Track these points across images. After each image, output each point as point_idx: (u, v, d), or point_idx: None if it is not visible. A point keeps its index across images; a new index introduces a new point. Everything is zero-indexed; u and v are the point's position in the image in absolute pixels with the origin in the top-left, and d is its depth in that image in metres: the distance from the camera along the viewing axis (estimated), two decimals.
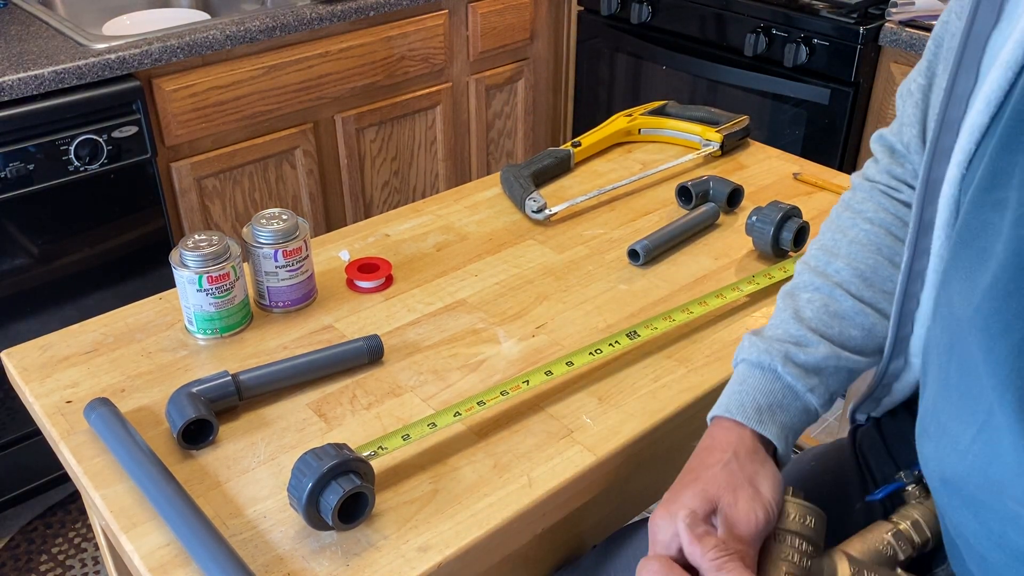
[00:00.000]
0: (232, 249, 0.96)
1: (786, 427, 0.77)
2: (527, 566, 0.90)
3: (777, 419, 0.76)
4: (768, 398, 0.77)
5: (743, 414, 0.76)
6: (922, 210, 0.73)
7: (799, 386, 0.77)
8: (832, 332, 0.80)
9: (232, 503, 0.78)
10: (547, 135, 2.62)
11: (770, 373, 0.78)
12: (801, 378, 0.78)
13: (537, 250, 1.15)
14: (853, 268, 0.82)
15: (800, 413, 0.78)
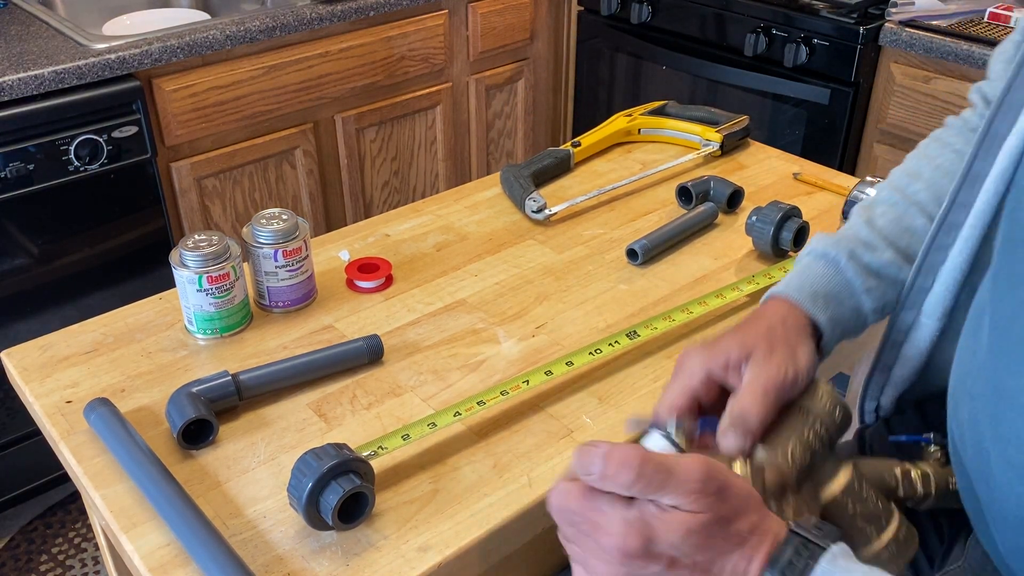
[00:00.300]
0: (232, 249, 0.96)
1: (835, 320, 0.78)
2: (527, 566, 0.90)
3: (830, 309, 0.77)
4: (826, 287, 0.78)
5: (799, 294, 0.77)
6: (973, 162, 0.73)
7: (858, 283, 0.79)
8: (900, 243, 0.81)
9: (232, 503, 0.78)
10: (547, 135, 2.62)
11: (832, 265, 0.80)
12: (861, 275, 0.79)
13: (537, 250, 1.15)
14: (932, 192, 0.83)
15: (852, 312, 0.79)
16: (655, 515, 0.55)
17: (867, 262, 0.80)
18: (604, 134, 1.40)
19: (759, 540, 0.57)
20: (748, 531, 0.57)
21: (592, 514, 0.57)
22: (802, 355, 0.71)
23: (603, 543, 0.56)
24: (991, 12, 1.88)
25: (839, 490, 0.70)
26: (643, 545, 0.55)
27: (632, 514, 0.55)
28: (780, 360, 0.70)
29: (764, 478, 0.67)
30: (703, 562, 0.56)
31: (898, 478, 0.73)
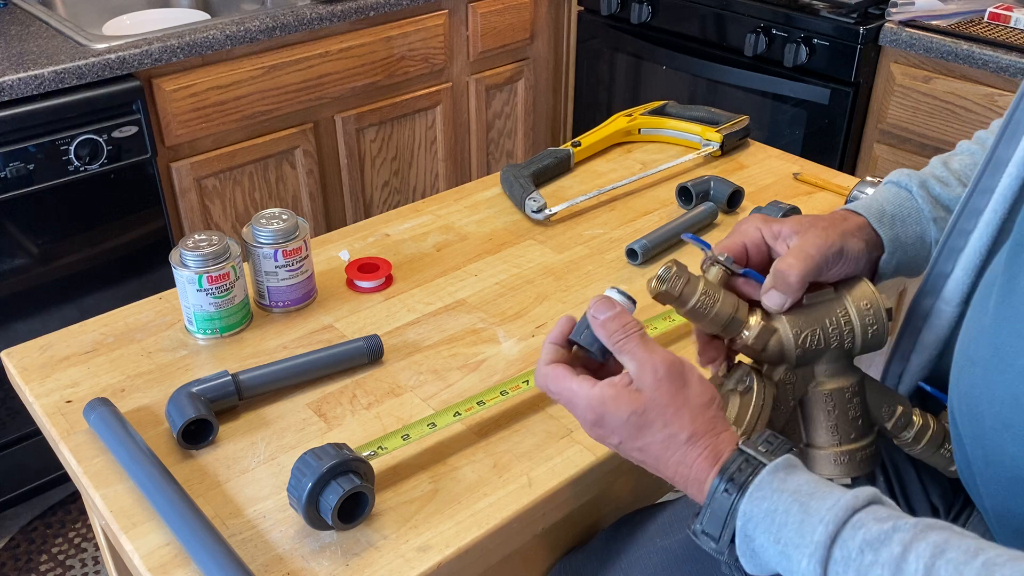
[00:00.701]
0: (232, 249, 0.96)
1: (899, 240, 0.80)
2: (527, 565, 0.90)
3: (895, 228, 0.79)
4: (894, 208, 0.80)
5: (866, 209, 0.79)
6: (996, 147, 0.75)
7: (926, 210, 0.81)
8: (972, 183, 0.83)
9: (232, 503, 0.78)
10: (547, 135, 2.62)
11: (904, 191, 0.82)
12: (930, 204, 0.82)
13: (537, 250, 1.15)
14: None
15: (917, 239, 0.81)
16: (612, 396, 0.66)
17: (938, 194, 0.82)
18: (604, 134, 1.40)
19: (698, 453, 0.64)
20: (686, 440, 0.65)
21: (566, 393, 0.68)
22: (853, 242, 0.74)
23: (576, 412, 0.68)
24: (991, 12, 1.88)
25: (829, 390, 0.73)
26: (596, 419, 0.67)
27: (594, 392, 0.67)
28: (829, 233, 0.73)
29: (768, 342, 0.71)
30: (646, 449, 0.66)
31: (895, 415, 0.75)
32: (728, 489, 0.61)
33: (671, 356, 0.66)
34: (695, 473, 0.64)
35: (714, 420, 0.65)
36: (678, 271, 0.70)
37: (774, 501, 0.59)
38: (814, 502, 0.58)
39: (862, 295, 0.73)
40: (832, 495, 0.59)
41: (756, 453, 0.62)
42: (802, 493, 0.59)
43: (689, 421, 0.65)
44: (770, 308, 0.71)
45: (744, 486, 0.61)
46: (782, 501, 0.59)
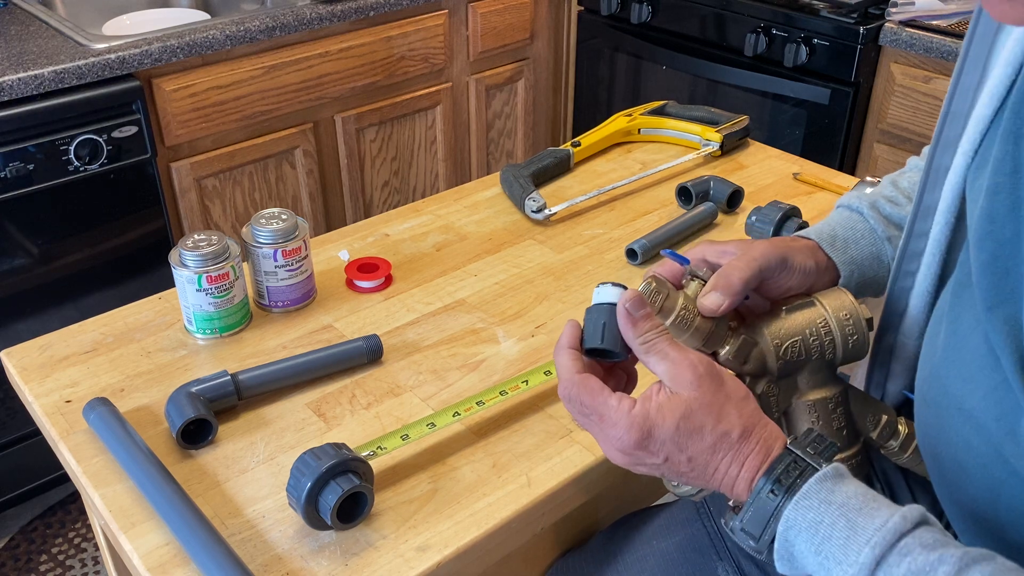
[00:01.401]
0: (232, 249, 0.96)
1: (855, 261, 0.81)
2: (526, 565, 0.90)
3: (849, 251, 0.80)
4: (845, 231, 0.81)
5: (817, 235, 0.80)
6: (923, 196, 0.76)
7: (879, 230, 0.82)
8: None
9: (231, 503, 0.78)
10: (547, 135, 2.62)
11: (855, 213, 0.84)
12: (883, 224, 0.82)
13: (537, 250, 1.15)
14: None
15: (872, 258, 0.82)
16: (656, 408, 0.62)
17: (889, 213, 0.84)
18: (604, 134, 1.40)
19: (751, 450, 0.62)
20: (738, 438, 0.62)
21: (602, 408, 0.63)
22: (800, 257, 0.75)
23: (609, 433, 0.63)
24: None
25: (812, 400, 0.73)
26: (642, 439, 0.62)
27: (637, 411, 0.62)
28: (775, 244, 0.75)
29: (749, 354, 0.71)
30: (695, 458, 0.62)
31: (879, 424, 0.75)
32: (775, 490, 0.60)
33: (701, 355, 0.64)
34: (745, 471, 0.62)
35: (757, 412, 0.64)
36: (657, 287, 0.70)
37: (820, 512, 0.58)
38: (862, 519, 0.57)
39: (841, 305, 0.73)
40: (880, 514, 0.57)
41: (804, 455, 0.61)
42: (850, 508, 0.58)
43: (737, 416, 0.62)
44: (707, 308, 0.70)
45: (791, 489, 0.59)
46: (828, 513, 0.58)
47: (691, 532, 0.86)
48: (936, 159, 0.75)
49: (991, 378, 0.61)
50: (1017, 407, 0.59)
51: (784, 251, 0.75)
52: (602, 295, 0.69)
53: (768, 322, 0.73)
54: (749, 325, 0.73)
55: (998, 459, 0.61)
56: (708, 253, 0.76)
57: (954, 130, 0.72)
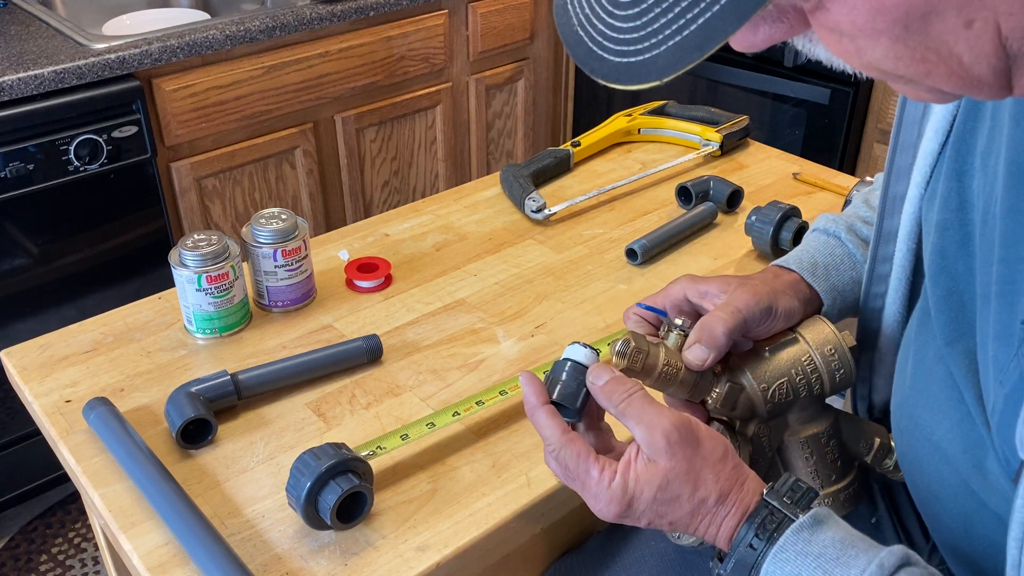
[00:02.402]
0: (231, 249, 0.96)
1: (837, 288, 0.80)
2: (526, 565, 0.90)
3: (831, 278, 0.80)
4: (826, 258, 0.81)
5: (798, 264, 0.79)
6: (882, 221, 0.76)
7: (858, 254, 0.81)
8: None
9: (231, 502, 0.78)
10: (547, 135, 2.62)
11: (833, 238, 0.83)
12: (860, 247, 0.82)
13: (536, 250, 1.15)
14: None
15: (853, 284, 0.81)
16: (634, 480, 0.62)
17: (866, 235, 0.83)
18: (604, 134, 1.40)
19: (727, 512, 0.62)
20: (715, 503, 0.62)
21: (583, 476, 0.64)
22: (784, 300, 0.74)
23: (591, 502, 0.64)
24: None
25: (804, 437, 0.73)
26: (622, 511, 0.63)
27: (617, 483, 0.62)
28: (759, 290, 0.73)
29: (736, 400, 0.70)
30: (676, 523, 0.63)
31: (873, 447, 0.75)
32: (753, 544, 0.60)
33: (677, 416, 0.63)
34: (724, 531, 0.62)
35: (735, 472, 0.63)
36: (636, 346, 0.68)
37: (797, 565, 0.58)
38: (839, 570, 0.57)
39: (824, 339, 0.72)
40: (858, 562, 0.57)
41: (780, 505, 0.61)
42: (826, 558, 0.57)
43: (713, 481, 0.62)
44: (692, 363, 0.69)
45: (771, 540, 0.59)
46: (806, 566, 0.58)
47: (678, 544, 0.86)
48: (891, 187, 0.75)
49: (957, 410, 0.62)
50: (981, 441, 0.59)
51: (769, 298, 0.73)
52: (571, 353, 0.68)
53: (752, 365, 0.71)
54: (733, 368, 0.72)
55: (967, 491, 0.61)
56: (689, 293, 0.75)
57: (904, 159, 0.72)
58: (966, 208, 0.60)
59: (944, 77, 0.44)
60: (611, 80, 0.47)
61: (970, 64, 0.43)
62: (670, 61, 0.44)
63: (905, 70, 0.44)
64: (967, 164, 0.61)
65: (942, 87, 0.45)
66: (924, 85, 0.46)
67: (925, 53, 0.43)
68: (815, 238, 0.84)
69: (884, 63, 0.45)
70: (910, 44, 0.43)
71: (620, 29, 0.45)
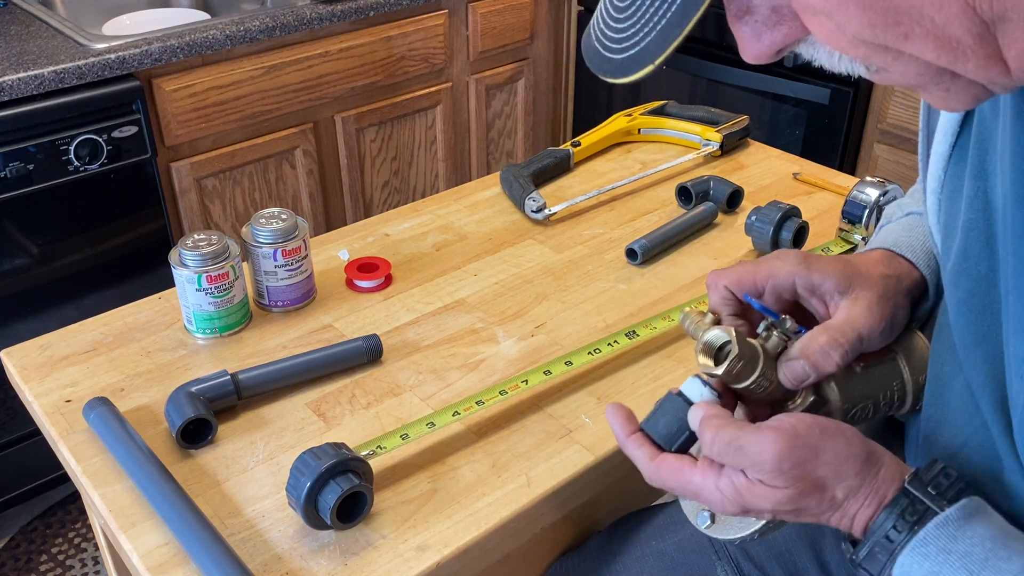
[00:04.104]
0: (231, 248, 0.96)
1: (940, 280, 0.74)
2: (526, 565, 0.90)
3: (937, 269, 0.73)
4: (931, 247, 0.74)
5: (912, 253, 0.73)
6: None
7: None
8: None
9: (230, 502, 0.78)
10: (547, 135, 2.62)
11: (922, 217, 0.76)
12: None
13: (536, 250, 1.15)
14: None
15: None
16: (744, 486, 0.58)
17: None
18: (604, 134, 1.40)
19: (860, 504, 0.58)
20: (844, 497, 0.58)
21: (689, 487, 0.61)
22: (901, 312, 0.70)
23: (708, 502, 0.61)
24: None
25: None
26: (739, 510, 0.59)
27: (724, 483, 0.59)
28: (883, 309, 0.67)
29: (816, 412, 0.65)
30: (805, 517, 0.59)
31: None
32: (890, 536, 0.56)
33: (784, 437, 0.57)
34: (858, 522, 0.58)
35: (866, 464, 0.58)
36: (739, 352, 0.61)
37: (938, 563, 0.54)
38: (986, 573, 0.52)
39: (922, 366, 0.66)
40: (1010, 566, 0.52)
41: (924, 495, 0.56)
42: (973, 558, 0.53)
43: (840, 482, 0.58)
44: (789, 381, 0.65)
45: (911, 532, 0.55)
46: (948, 565, 0.53)
47: (690, 532, 0.86)
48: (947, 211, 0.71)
49: (971, 424, 0.61)
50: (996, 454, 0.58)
51: (891, 313, 0.67)
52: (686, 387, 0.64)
53: (843, 381, 0.66)
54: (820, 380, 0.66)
55: None
56: (799, 281, 0.69)
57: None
58: (990, 208, 0.59)
59: (923, 40, 0.45)
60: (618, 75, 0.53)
61: (943, 24, 0.44)
62: (658, 42, 0.50)
63: (884, 36, 0.46)
64: (990, 163, 0.59)
65: (927, 56, 0.46)
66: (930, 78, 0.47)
67: (897, 16, 0.44)
68: (919, 224, 0.76)
69: (865, 32, 0.46)
70: (879, 8, 0.44)
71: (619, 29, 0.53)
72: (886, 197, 1.08)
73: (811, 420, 0.59)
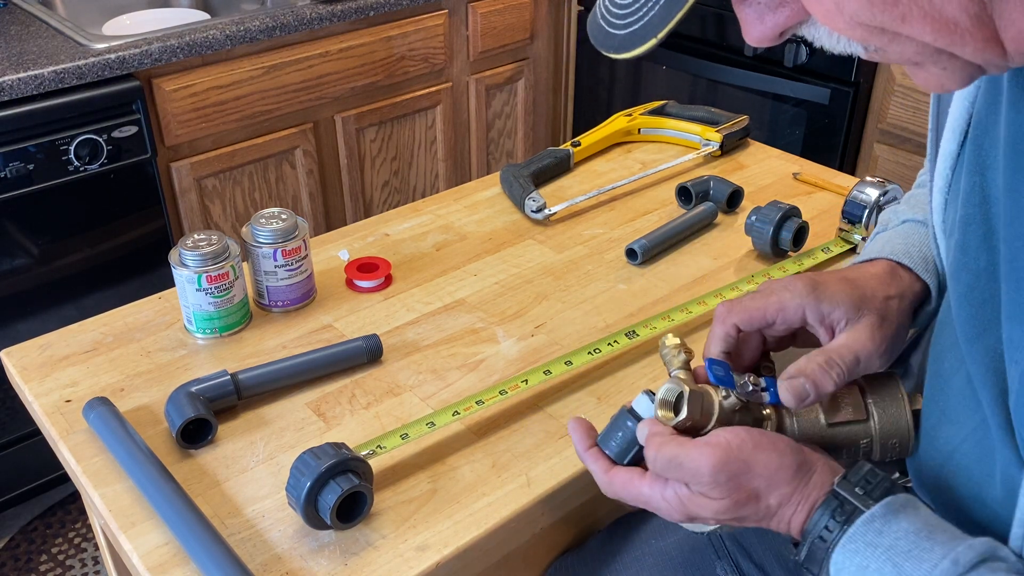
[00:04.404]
0: (231, 248, 0.96)
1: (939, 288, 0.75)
2: (526, 565, 0.90)
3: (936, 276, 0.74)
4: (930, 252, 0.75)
5: (909, 259, 0.74)
6: None
7: None
8: None
9: (230, 502, 0.78)
10: (547, 135, 2.62)
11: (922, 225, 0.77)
12: None
13: (536, 250, 1.15)
14: None
15: None
16: (686, 497, 0.62)
17: None
18: (604, 134, 1.40)
19: (793, 509, 0.61)
20: (778, 504, 0.61)
21: (640, 497, 0.65)
22: (902, 334, 0.72)
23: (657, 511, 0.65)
24: None
25: None
26: (685, 518, 0.63)
27: (669, 494, 0.63)
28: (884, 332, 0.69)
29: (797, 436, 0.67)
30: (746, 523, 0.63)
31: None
32: (823, 536, 0.59)
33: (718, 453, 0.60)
34: (794, 526, 0.62)
35: (797, 473, 0.61)
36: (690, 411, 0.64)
37: (866, 557, 0.56)
38: (909, 565, 0.55)
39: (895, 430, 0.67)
40: (930, 557, 0.54)
41: (851, 496, 0.59)
42: (897, 551, 0.56)
43: (773, 492, 0.61)
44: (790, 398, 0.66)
45: (842, 531, 0.58)
46: (875, 558, 0.56)
47: (690, 531, 0.86)
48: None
49: (972, 419, 0.61)
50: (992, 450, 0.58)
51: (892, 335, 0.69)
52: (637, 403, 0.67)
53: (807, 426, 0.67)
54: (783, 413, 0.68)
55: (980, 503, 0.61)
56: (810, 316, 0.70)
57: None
58: (989, 202, 0.59)
59: (920, 22, 0.45)
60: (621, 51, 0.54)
61: (940, 5, 0.44)
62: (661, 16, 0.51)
63: (882, 17, 0.46)
64: (990, 158, 0.60)
65: (925, 37, 0.46)
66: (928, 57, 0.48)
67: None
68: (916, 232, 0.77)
69: (863, 14, 0.46)
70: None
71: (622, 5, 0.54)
72: (886, 197, 1.08)
73: (745, 435, 0.62)
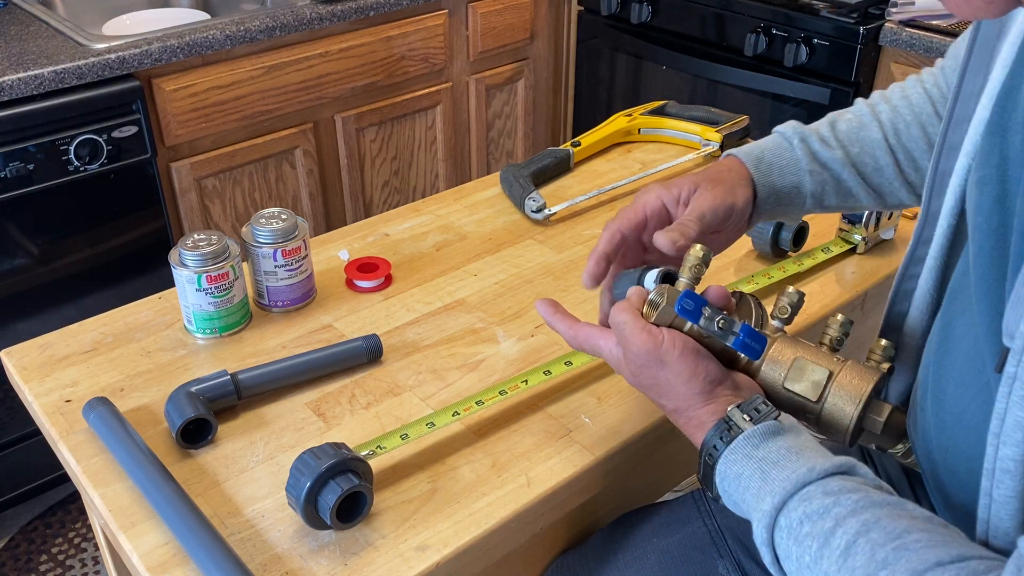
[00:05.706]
0: (231, 248, 0.96)
1: (774, 189, 0.87)
2: (526, 565, 0.90)
3: (772, 177, 0.87)
4: (772, 156, 0.88)
5: (747, 157, 0.87)
6: (929, 201, 0.77)
7: (804, 162, 0.88)
8: (852, 149, 0.89)
9: (230, 502, 0.78)
10: (547, 135, 2.62)
11: (785, 141, 0.90)
12: (807, 157, 0.88)
13: (536, 250, 1.15)
14: (892, 114, 0.91)
15: (792, 187, 0.88)
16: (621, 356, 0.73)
17: (816, 150, 0.88)
18: (604, 134, 1.40)
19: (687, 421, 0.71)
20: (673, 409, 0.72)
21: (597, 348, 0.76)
22: (740, 194, 0.84)
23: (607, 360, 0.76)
24: None
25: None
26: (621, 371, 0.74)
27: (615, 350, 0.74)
28: (721, 191, 0.82)
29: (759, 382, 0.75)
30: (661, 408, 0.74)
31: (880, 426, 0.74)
32: (711, 454, 0.68)
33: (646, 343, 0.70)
34: (692, 434, 0.71)
35: (696, 396, 0.70)
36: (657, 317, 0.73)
37: (742, 466, 0.65)
38: (774, 472, 0.63)
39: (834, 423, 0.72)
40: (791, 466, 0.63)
41: (739, 420, 0.67)
42: (767, 462, 0.64)
43: (664, 399, 0.72)
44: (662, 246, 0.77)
45: (728, 445, 0.67)
46: (748, 467, 0.65)
47: (691, 530, 0.86)
48: (941, 165, 0.75)
49: (978, 380, 0.62)
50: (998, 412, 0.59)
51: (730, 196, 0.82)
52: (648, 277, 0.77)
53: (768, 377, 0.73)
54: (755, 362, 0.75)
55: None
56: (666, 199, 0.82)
57: (957, 135, 0.73)
58: (1006, 164, 0.62)
59: None
60: None
61: None
62: None
63: None
64: (1012, 120, 0.63)
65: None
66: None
67: None
68: (771, 138, 0.91)
69: None
70: None
71: None
72: None
73: (681, 342, 0.70)
